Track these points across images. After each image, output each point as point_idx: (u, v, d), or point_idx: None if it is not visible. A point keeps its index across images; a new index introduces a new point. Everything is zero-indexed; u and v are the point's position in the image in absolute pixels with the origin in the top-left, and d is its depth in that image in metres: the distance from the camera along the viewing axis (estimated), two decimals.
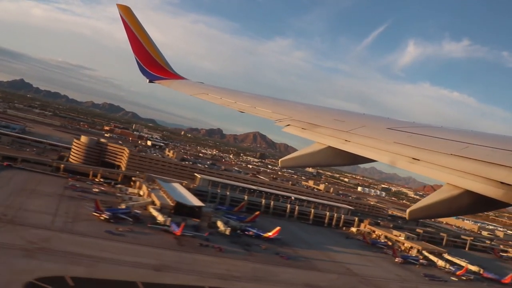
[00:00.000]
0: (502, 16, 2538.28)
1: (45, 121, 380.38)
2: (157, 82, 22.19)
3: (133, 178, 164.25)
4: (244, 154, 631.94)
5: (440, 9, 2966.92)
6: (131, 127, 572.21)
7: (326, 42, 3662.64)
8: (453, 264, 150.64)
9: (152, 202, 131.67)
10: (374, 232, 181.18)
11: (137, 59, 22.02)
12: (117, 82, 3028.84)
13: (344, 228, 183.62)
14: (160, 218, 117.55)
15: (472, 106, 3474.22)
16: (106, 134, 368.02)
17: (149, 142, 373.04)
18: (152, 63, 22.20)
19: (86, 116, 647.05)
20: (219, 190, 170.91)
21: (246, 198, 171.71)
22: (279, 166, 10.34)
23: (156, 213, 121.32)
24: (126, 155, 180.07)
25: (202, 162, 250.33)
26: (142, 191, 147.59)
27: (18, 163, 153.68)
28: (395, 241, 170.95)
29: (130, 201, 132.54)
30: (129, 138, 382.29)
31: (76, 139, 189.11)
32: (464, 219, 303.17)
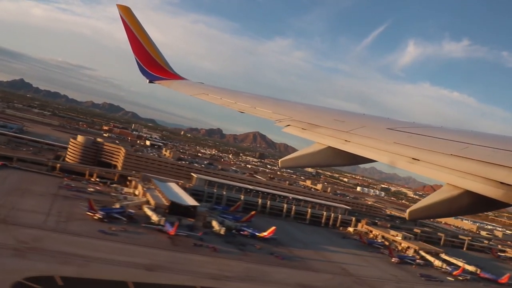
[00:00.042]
0: (502, 16, 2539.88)
1: (43, 120, 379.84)
2: (157, 82, 22.27)
3: (129, 178, 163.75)
4: (243, 154, 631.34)
5: (440, 9, 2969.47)
6: (131, 127, 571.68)
7: (326, 42, 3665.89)
8: (450, 264, 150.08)
9: (147, 202, 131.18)
10: (371, 232, 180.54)
11: (137, 60, 22.07)
12: (117, 82, 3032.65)
13: (341, 228, 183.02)
14: (154, 218, 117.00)
15: (472, 106, 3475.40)
16: (105, 134, 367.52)
17: (148, 142, 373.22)
18: (152, 64, 22.27)
19: (86, 116, 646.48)
20: (216, 190, 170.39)
21: (243, 197, 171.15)
22: (279, 166, 10.34)
23: (150, 212, 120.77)
24: (123, 155, 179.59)
25: (199, 161, 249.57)
26: (138, 191, 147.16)
27: (14, 163, 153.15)
28: (392, 241, 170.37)
29: (125, 200, 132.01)
30: (128, 138, 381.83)
31: (72, 139, 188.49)
32: (463, 219, 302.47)
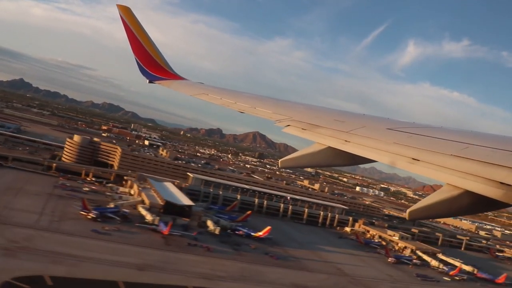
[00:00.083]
0: (502, 16, 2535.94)
1: (42, 120, 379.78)
2: (157, 82, 22.26)
3: (125, 178, 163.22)
4: (242, 154, 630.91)
5: (440, 9, 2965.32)
6: (130, 127, 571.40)
7: (326, 42, 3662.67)
8: (447, 264, 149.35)
9: (141, 201, 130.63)
10: (368, 232, 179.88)
11: (137, 60, 22.07)
12: (117, 82, 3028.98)
13: (338, 228, 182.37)
14: (148, 217, 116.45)
15: (472, 106, 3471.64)
16: (104, 134, 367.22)
17: (146, 142, 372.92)
18: (152, 64, 22.27)
19: (85, 115, 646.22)
20: (212, 190, 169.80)
21: (239, 197, 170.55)
22: (279, 166, 10.32)
23: (144, 212, 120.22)
24: (119, 154, 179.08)
25: (196, 161, 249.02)
26: (133, 190, 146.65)
27: (9, 162, 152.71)
28: (389, 241, 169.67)
29: (120, 200, 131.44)
30: (126, 138, 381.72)
31: (69, 138, 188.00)
32: (461, 219, 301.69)
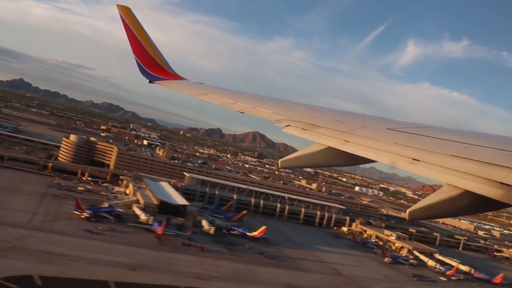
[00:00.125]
0: (502, 16, 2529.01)
1: (40, 120, 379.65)
2: (157, 82, 22.26)
3: (120, 177, 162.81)
4: (242, 154, 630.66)
5: (440, 9, 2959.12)
6: (130, 127, 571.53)
7: (326, 42, 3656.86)
8: (444, 264, 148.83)
9: (136, 201, 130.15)
10: (365, 231, 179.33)
11: (137, 60, 22.07)
12: (116, 82, 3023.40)
13: (335, 227, 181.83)
14: (142, 217, 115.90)
15: (472, 106, 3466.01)
16: (102, 134, 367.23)
17: (145, 142, 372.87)
18: (152, 64, 22.27)
19: (85, 115, 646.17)
20: (208, 189, 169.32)
21: (235, 197, 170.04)
22: (279, 166, 10.33)
23: (139, 211, 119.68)
24: (115, 154, 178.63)
25: (193, 161, 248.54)
26: (128, 190, 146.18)
27: (5, 162, 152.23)
28: (386, 241, 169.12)
29: (115, 199, 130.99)
30: (125, 138, 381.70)
31: (65, 138, 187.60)
32: (460, 219, 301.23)
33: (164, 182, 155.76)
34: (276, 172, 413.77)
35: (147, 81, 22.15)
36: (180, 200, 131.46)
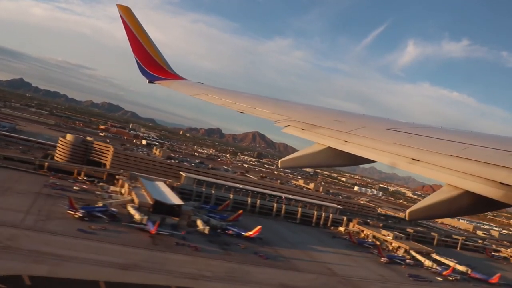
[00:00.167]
0: (502, 16, 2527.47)
1: (39, 119, 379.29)
2: (157, 82, 22.31)
3: (116, 177, 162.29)
4: (241, 154, 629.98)
5: (440, 9, 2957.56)
6: (129, 127, 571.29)
7: (326, 42, 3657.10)
8: (441, 264, 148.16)
9: (131, 200, 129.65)
10: (362, 231, 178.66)
11: (137, 60, 22.14)
12: (116, 82, 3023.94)
13: (332, 227, 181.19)
14: (137, 217, 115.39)
15: (472, 106, 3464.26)
16: (101, 133, 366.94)
17: (144, 141, 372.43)
18: (152, 64, 22.34)
19: (84, 115, 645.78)
20: (204, 189, 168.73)
21: (232, 196, 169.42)
22: (279, 166, 10.36)
23: (133, 211, 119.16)
24: (111, 153, 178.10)
25: (189, 160, 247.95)
26: (124, 190, 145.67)
27: (0, 161, 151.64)
28: (383, 240, 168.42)
29: (109, 199, 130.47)
30: (124, 137, 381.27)
31: (61, 137, 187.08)
32: (459, 219, 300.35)
33: (159, 182, 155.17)
34: (275, 172, 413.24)
35: (147, 81, 22.20)
36: (175, 199, 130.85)
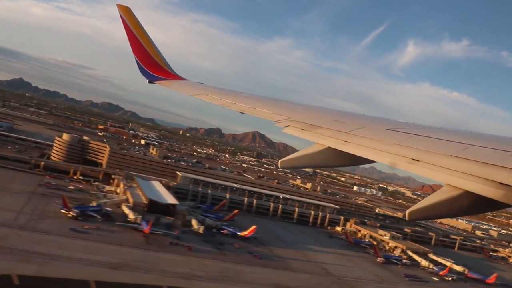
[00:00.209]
0: (502, 16, 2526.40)
1: (37, 119, 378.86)
2: (157, 82, 22.32)
3: (112, 176, 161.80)
4: (241, 154, 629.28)
5: (440, 9, 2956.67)
6: (129, 126, 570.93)
7: (325, 42, 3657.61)
8: (437, 264, 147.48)
9: (126, 200, 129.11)
10: (359, 231, 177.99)
11: (137, 60, 22.16)
12: (116, 81, 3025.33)
13: (329, 227, 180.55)
14: (131, 216, 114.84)
15: (472, 106, 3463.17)
16: (100, 133, 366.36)
17: (143, 141, 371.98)
18: (152, 64, 22.36)
19: (84, 115, 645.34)
20: (201, 188, 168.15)
21: (228, 196, 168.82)
22: (279, 166, 10.38)
23: (127, 210, 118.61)
24: (107, 153, 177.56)
25: (186, 160, 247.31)
26: (119, 189, 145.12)
27: None
28: (380, 240, 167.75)
29: (104, 198, 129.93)
30: (123, 137, 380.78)
31: (57, 137, 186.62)
32: (458, 219, 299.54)
33: (155, 181, 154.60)
34: (274, 172, 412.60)
35: (147, 81, 22.16)
36: (170, 199, 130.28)
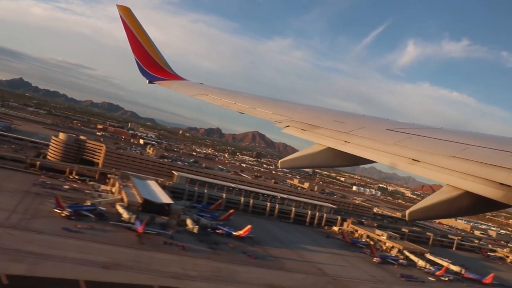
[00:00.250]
0: (502, 16, 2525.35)
1: (36, 119, 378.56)
2: (156, 82, 22.33)
3: (108, 176, 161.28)
4: (240, 153, 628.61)
5: (440, 9, 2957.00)
6: (128, 126, 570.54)
7: (325, 42, 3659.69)
8: (434, 264, 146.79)
9: (120, 199, 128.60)
10: (356, 231, 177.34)
11: (136, 60, 22.17)
12: (116, 81, 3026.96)
13: (326, 227, 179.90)
14: (125, 215, 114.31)
15: (471, 106, 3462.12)
16: (99, 133, 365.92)
17: (142, 141, 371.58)
18: (151, 64, 22.36)
19: (84, 115, 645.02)
20: (197, 188, 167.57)
21: (224, 196, 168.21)
22: (279, 167, 10.39)
23: (122, 210, 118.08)
24: (104, 152, 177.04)
25: (183, 159, 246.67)
26: (114, 188, 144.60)
27: None
28: (377, 240, 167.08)
29: (99, 198, 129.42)
30: (121, 137, 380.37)
31: (54, 136, 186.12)
32: (457, 219, 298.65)
33: (151, 181, 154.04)
34: (273, 171, 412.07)
35: (147, 81, 22.13)
36: (165, 198, 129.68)
